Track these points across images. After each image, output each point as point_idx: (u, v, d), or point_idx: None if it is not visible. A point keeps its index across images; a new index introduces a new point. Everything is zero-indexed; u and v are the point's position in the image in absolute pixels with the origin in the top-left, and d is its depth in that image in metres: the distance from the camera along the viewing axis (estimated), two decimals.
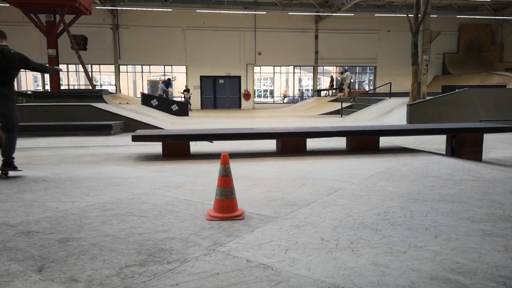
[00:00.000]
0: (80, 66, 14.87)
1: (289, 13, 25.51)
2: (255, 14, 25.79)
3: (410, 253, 2.11)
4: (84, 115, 9.51)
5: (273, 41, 26.37)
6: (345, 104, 17.18)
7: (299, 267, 1.95)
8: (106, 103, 10.95)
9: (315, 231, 2.45)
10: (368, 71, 29.08)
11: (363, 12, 25.95)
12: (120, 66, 25.74)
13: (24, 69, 4.52)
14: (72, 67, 25.43)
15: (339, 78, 23.15)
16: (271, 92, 28.91)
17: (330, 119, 14.75)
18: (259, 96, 28.49)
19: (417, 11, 12.77)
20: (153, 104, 16.86)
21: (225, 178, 2.73)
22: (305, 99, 26.45)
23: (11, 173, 4.23)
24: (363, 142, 5.83)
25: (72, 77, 26.42)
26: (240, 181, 3.86)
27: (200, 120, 14.74)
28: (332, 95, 22.53)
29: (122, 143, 7.40)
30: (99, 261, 2.04)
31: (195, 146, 6.45)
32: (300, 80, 29.10)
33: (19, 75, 25.38)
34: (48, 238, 2.37)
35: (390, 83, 18.20)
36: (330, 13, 25.16)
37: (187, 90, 23.14)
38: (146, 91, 25.94)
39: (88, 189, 3.61)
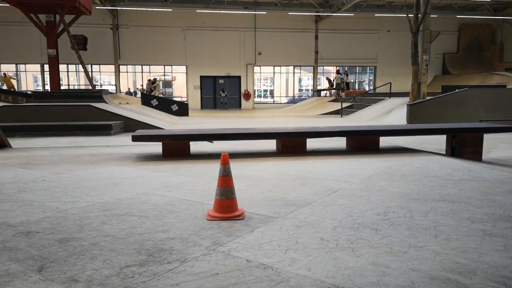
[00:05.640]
0: (80, 66, 14.87)
1: (289, 13, 25.52)
2: (255, 14, 25.80)
3: (410, 253, 2.11)
4: (84, 115, 9.52)
5: (273, 41, 26.38)
6: (345, 104, 17.19)
7: (299, 267, 1.95)
8: (106, 103, 10.96)
9: (315, 231, 2.45)
10: (368, 71, 29.08)
11: (363, 12, 25.97)
12: (120, 66, 25.75)
13: None
14: (72, 67, 25.45)
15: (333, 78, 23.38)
16: (271, 92, 28.91)
17: (330, 119, 14.76)
18: (259, 96, 28.50)
19: (417, 11, 12.78)
20: (153, 104, 16.87)
21: (225, 178, 2.72)
22: (305, 99, 26.46)
23: None
24: (363, 142, 5.83)
25: (72, 77, 26.43)
26: (240, 181, 3.86)
27: (200, 120, 14.75)
28: (332, 95, 22.63)
29: (122, 143, 7.40)
30: (99, 261, 2.04)
31: (195, 146, 6.45)
32: (300, 80, 29.10)
33: (19, 75, 25.43)
34: (48, 238, 2.37)
35: (390, 83, 18.22)
36: (330, 13, 25.17)
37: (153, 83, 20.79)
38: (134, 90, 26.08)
39: (88, 189, 3.61)
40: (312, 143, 6.58)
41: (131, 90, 26.88)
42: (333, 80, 22.37)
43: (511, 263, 1.99)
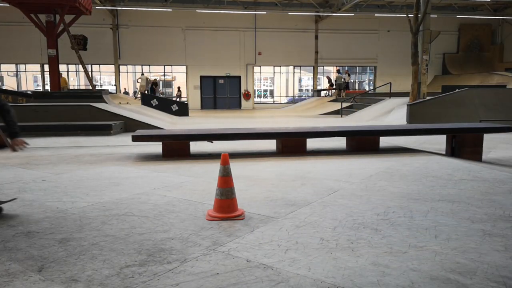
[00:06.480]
0: (80, 66, 14.87)
1: (289, 13, 25.51)
2: (255, 14, 25.78)
3: (410, 253, 2.11)
4: (84, 115, 9.51)
5: (273, 41, 26.36)
6: (345, 104, 17.18)
7: (299, 267, 1.95)
8: (106, 103, 10.95)
9: (315, 231, 2.45)
10: (368, 71, 29.07)
11: (363, 12, 25.95)
12: (120, 66, 25.74)
13: None
14: (72, 67, 25.43)
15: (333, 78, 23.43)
16: (271, 92, 28.90)
17: (330, 119, 14.75)
18: (259, 96, 28.48)
19: (417, 11, 12.77)
20: (153, 104, 16.86)
21: (225, 178, 2.73)
22: (305, 99, 26.46)
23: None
24: (363, 142, 5.82)
25: (72, 77, 26.42)
26: (240, 181, 3.86)
27: (200, 120, 14.74)
28: (332, 95, 22.66)
29: (122, 143, 7.40)
30: (99, 261, 2.04)
31: (195, 146, 6.45)
32: (300, 80, 29.10)
33: (19, 75, 25.43)
34: (48, 238, 2.37)
35: (390, 83, 18.21)
36: (330, 13, 25.15)
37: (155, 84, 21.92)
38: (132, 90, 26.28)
39: (88, 189, 3.61)
40: (312, 143, 6.58)
41: (130, 90, 26.85)
42: (334, 80, 22.38)
43: (511, 263, 1.98)
